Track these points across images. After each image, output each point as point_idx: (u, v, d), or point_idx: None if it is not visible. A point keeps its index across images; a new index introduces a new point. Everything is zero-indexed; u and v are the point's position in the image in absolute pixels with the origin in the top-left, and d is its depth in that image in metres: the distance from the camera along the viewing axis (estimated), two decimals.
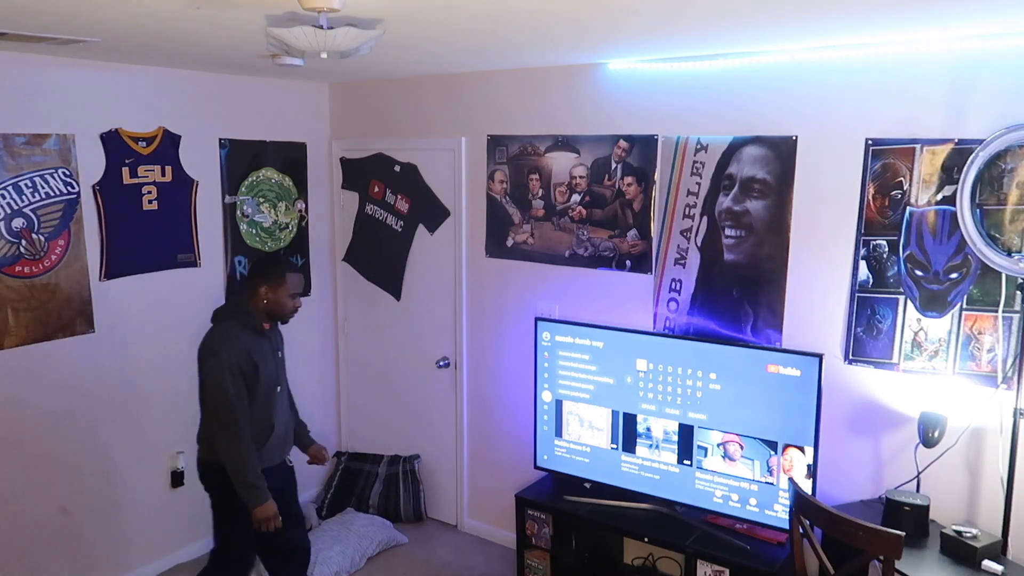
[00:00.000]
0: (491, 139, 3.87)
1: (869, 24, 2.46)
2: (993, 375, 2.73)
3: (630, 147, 3.44)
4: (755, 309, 3.21)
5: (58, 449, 3.44)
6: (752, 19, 2.37)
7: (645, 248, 3.46)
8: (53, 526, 3.45)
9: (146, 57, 3.29)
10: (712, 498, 3.22)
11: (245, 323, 2.96)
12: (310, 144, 4.38)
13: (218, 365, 2.84)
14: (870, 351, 2.96)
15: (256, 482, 2.88)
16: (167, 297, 3.77)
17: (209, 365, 2.87)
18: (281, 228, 4.26)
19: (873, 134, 2.87)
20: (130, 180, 3.57)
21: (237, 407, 2.86)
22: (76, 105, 3.35)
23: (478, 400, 4.14)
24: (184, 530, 3.97)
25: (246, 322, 2.96)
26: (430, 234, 4.18)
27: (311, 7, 1.91)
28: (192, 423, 3.93)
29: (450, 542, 4.20)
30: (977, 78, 2.65)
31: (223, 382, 2.83)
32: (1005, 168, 2.61)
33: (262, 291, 2.97)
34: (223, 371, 2.83)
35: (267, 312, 3.00)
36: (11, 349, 3.23)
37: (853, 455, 3.05)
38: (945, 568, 2.54)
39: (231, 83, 3.94)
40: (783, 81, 3.03)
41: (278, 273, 3.00)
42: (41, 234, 3.28)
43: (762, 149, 3.11)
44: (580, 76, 3.53)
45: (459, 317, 4.11)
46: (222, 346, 2.87)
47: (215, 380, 2.85)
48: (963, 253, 2.73)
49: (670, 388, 3.28)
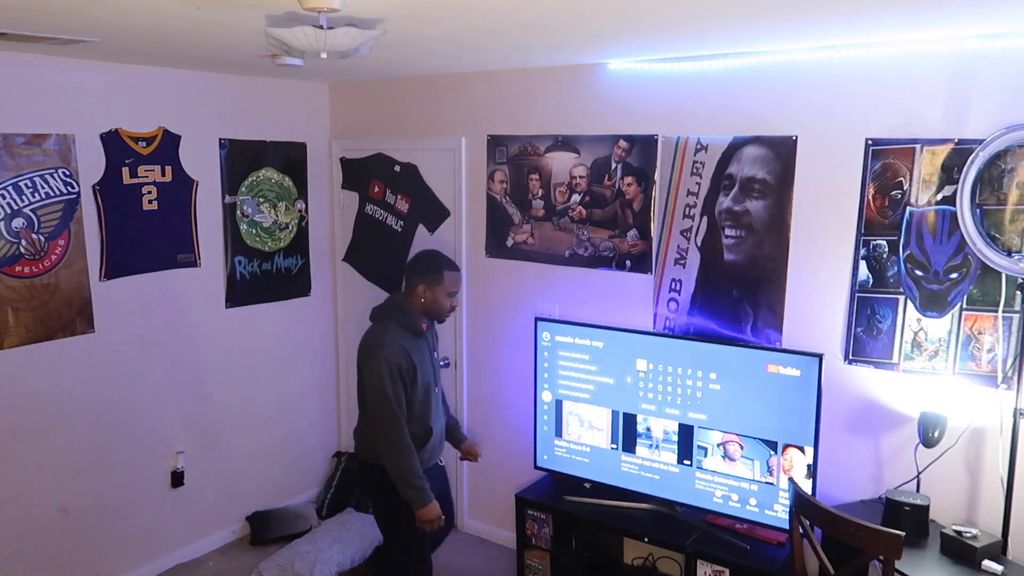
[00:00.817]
0: (491, 139, 3.87)
1: (869, 24, 2.46)
2: (993, 375, 2.73)
3: (630, 147, 3.44)
4: (755, 309, 3.21)
5: (58, 449, 3.44)
6: (756, 19, 2.37)
7: (645, 248, 3.46)
8: (53, 526, 3.45)
9: (146, 57, 3.29)
10: (712, 498, 3.22)
11: (403, 323, 2.90)
12: (310, 144, 4.38)
13: (378, 366, 2.78)
14: (870, 351, 2.96)
15: (420, 483, 2.83)
16: (167, 297, 3.77)
17: (368, 366, 2.83)
18: (281, 228, 4.26)
19: (873, 134, 2.87)
20: (130, 180, 3.57)
21: (397, 409, 2.81)
22: (76, 105, 3.35)
23: (478, 400, 4.14)
24: (184, 530, 3.97)
25: (404, 322, 2.90)
26: (430, 234, 4.18)
27: (311, 7, 1.91)
28: (192, 423, 3.97)
29: (450, 542, 4.19)
30: (977, 78, 2.65)
31: (383, 384, 2.78)
32: (1005, 168, 2.61)
33: (420, 289, 2.92)
34: (383, 372, 2.78)
35: (424, 311, 2.95)
36: (11, 349, 3.23)
37: (853, 455, 3.05)
38: (945, 568, 2.54)
39: (231, 83, 3.94)
40: (783, 81, 3.03)
41: (436, 271, 2.93)
42: (41, 234, 3.28)
43: (762, 149, 3.11)
44: (580, 76, 3.53)
45: (459, 317, 4.11)
46: (381, 346, 2.81)
47: (375, 382, 2.80)
48: (963, 253, 2.73)
49: (670, 388, 3.28)
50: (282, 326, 4.34)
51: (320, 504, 4.43)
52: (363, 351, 2.89)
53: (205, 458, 4.03)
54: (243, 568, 3.88)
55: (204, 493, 4.04)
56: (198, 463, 3.99)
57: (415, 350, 2.89)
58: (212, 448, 4.06)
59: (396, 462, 2.83)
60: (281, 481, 4.42)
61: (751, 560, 3.01)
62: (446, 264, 3.01)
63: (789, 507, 2.77)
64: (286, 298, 4.34)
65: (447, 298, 2.96)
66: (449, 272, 2.96)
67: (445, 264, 3.00)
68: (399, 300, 2.98)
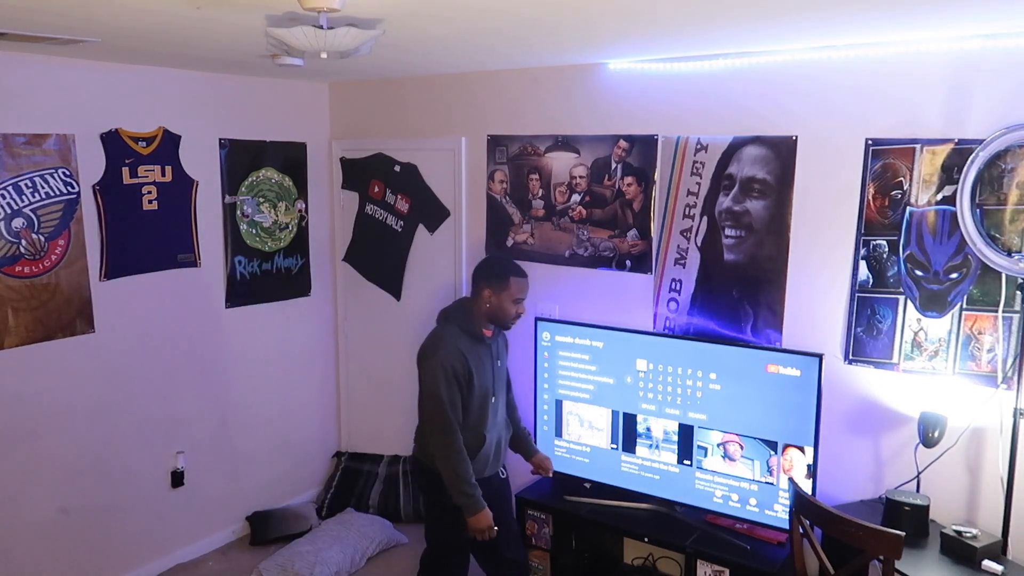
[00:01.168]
0: (491, 139, 3.87)
1: (869, 24, 2.46)
2: (993, 375, 2.73)
3: (630, 147, 3.44)
4: (755, 309, 3.21)
5: (58, 449, 3.44)
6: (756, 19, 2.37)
7: (645, 248, 3.46)
8: (53, 526, 3.45)
9: (146, 57, 3.29)
10: (712, 498, 3.22)
11: (465, 327, 2.88)
12: (310, 144, 4.37)
13: (433, 369, 2.77)
14: (870, 351, 2.96)
15: (471, 491, 2.79)
16: (167, 297, 3.77)
17: (424, 368, 2.82)
18: (281, 228, 4.26)
19: (873, 134, 2.87)
20: (130, 180, 3.57)
21: (451, 413, 2.78)
22: (76, 105, 3.35)
23: None
24: (184, 530, 3.97)
25: (466, 326, 2.88)
26: (430, 234, 4.18)
27: (311, 7, 1.91)
28: (192, 423, 3.97)
29: None
30: (977, 78, 2.65)
31: (437, 387, 2.77)
32: (1005, 168, 2.61)
33: (485, 294, 2.89)
34: (438, 376, 2.76)
35: (488, 316, 2.91)
36: (11, 349, 3.23)
37: (853, 455, 3.05)
38: (945, 568, 2.54)
39: (231, 83, 3.94)
40: (783, 81, 3.03)
41: (503, 275, 2.90)
42: (41, 234, 3.28)
43: (762, 149, 3.11)
44: (580, 76, 3.53)
45: None
46: (438, 348, 2.79)
47: (430, 385, 2.78)
48: (963, 253, 2.73)
49: (670, 388, 3.28)
50: (282, 326, 4.34)
51: (320, 504, 4.43)
52: (421, 352, 2.87)
53: (205, 458, 4.03)
54: (243, 568, 3.88)
55: (204, 493, 4.04)
56: (198, 463, 3.99)
57: (474, 355, 2.86)
58: (212, 448, 4.06)
59: (448, 467, 2.80)
60: (281, 481, 4.42)
61: (751, 560, 3.01)
62: (513, 269, 2.97)
63: (789, 507, 2.76)
64: (286, 298, 4.34)
65: (513, 304, 2.91)
66: (516, 278, 2.91)
67: (512, 269, 2.96)
68: (465, 303, 2.97)
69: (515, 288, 2.90)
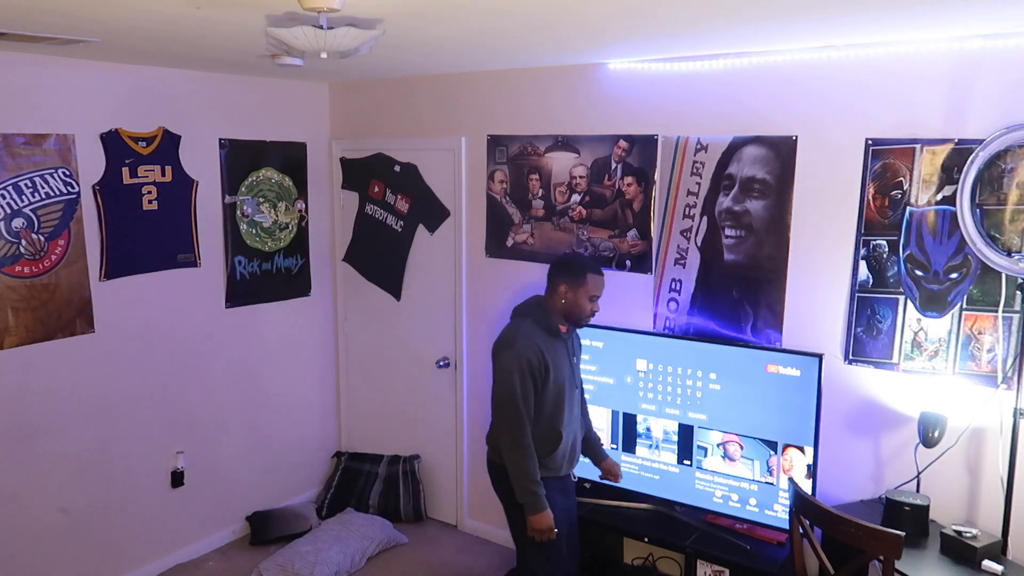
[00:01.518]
0: (491, 139, 3.87)
1: (869, 24, 2.46)
2: (993, 375, 2.73)
3: (630, 147, 3.44)
4: (755, 309, 3.21)
5: (58, 449, 3.44)
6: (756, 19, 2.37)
7: (645, 248, 3.46)
8: (53, 526, 3.45)
9: (146, 57, 3.29)
10: (712, 498, 3.22)
11: (541, 322, 2.86)
12: (310, 144, 4.37)
13: (508, 362, 2.75)
14: (870, 351, 2.96)
15: (535, 487, 2.76)
16: (167, 297, 3.77)
17: (499, 360, 2.79)
18: (281, 228, 4.26)
19: (873, 134, 2.87)
20: (130, 180, 3.57)
21: (522, 407, 2.75)
22: (76, 105, 3.35)
23: (478, 400, 4.13)
24: (184, 530, 3.97)
25: (542, 321, 2.86)
26: (430, 234, 4.18)
27: (311, 7, 1.91)
28: (192, 423, 3.96)
29: (450, 542, 4.20)
30: (977, 78, 2.65)
31: (511, 379, 2.74)
32: (1005, 168, 2.61)
33: (561, 289, 2.86)
34: (512, 368, 2.74)
35: (564, 312, 2.89)
36: (11, 349, 3.23)
37: (853, 455, 3.04)
38: (945, 568, 2.54)
39: (231, 83, 3.94)
40: (783, 81, 3.03)
41: (580, 272, 2.86)
42: (41, 234, 3.28)
43: (762, 149, 3.11)
44: (580, 76, 3.53)
45: (459, 317, 4.11)
46: (514, 342, 2.78)
47: (503, 376, 2.76)
48: (963, 253, 2.73)
49: (670, 388, 3.28)
50: (282, 326, 4.34)
51: (320, 504, 4.43)
52: (497, 345, 2.85)
53: (205, 458, 4.03)
54: (243, 568, 3.88)
55: (204, 493, 4.04)
56: (198, 463, 3.99)
57: (550, 349, 2.83)
58: (212, 448, 4.06)
59: (513, 461, 2.77)
60: (281, 481, 4.42)
61: (751, 560, 3.01)
62: (591, 267, 2.93)
63: (789, 507, 2.76)
64: (286, 298, 4.34)
65: (588, 301, 2.87)
66: (593, 275, 2.88)
67: (590, 266, 2.92)
68: (540, 299, 2.95)
69: (592, 285, 2.87)
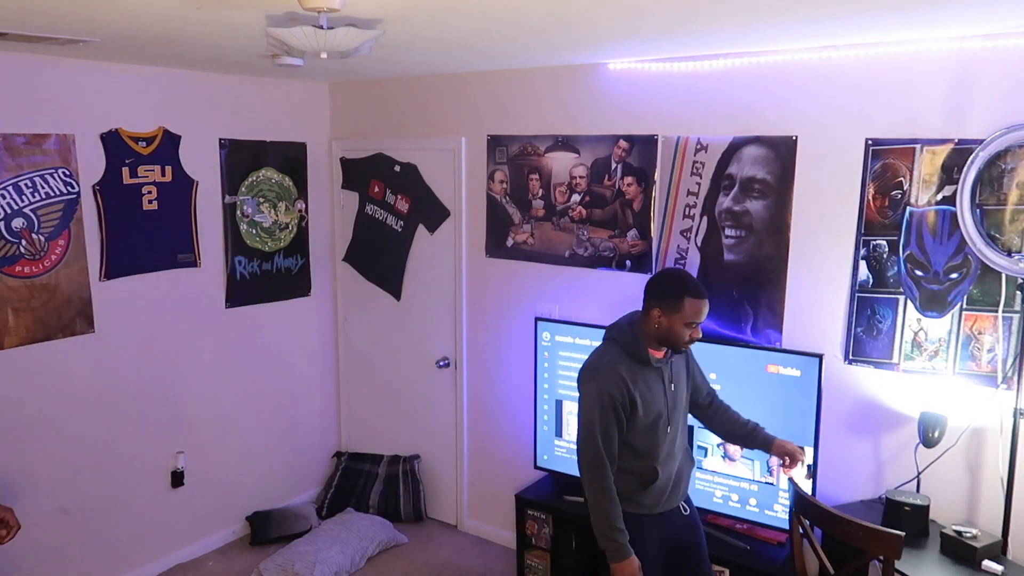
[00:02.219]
0: (491, 139, 3.87)
1: (869, 24, 2.46)
2: (993, 375, 2.73)
3: (630, 147, 3.44)
4: (755, 309, 3.21)
5: (58, 449, 3.44)
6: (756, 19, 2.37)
7: (645, 248, 3.46)
8: (53, 525, 3.45)
9: (146, 57, 3.29)
10: (712, 498, 3.22)
11: (628, 347, 2.54)
12: (310, 144, 4.37)
13: (590, 395, 2.50)
14: (870, 351, 2.96)
15: (616, 535, 2.47)
16: (167, 297, 3.77)
17: (582, 392, 2.55)
18: (281, 228, 4.26)
19: (873, 134, 2.87)
20: (130, 180, 3.57)
21: (603, 445, 2.47)
22: (76, 105, 3.35)
23: (478, 400, 4.14)
24: (184, 530, 3.97)
25: (629, 347, 2.54)
26: (430, 234, 4.18)
27: (311, 7, 1.91)
28: (192, 423, 3.96)
29: (450, 542, 4.20)
30: (977, 78, 2.65)
31: (591, 413, 2.48)
32: (1005, 168, 2.61)
33: (654, 313, 2.50)
34: (593, 401, 2.48)
35: (657, 338, 2.53)
36: (11, 349, 3.23)
37: (853, 455, 3.05)
38: (945, 568, 2.54)
39: (231, 83, 3.94)
40: (783, 81, 3.03)
41: (676, 295, 2.47)
42: (41, 234, 3.27)
43: (762, 149, 3.11)
44: (580, 76, 3.53)
45: (459, 317, 4.11)
46: (597, 374, 2.51)
47: (585, 411, 2.51)
48: (963, 253, 2.73)
49: None
50: (282, 326, 4.34)
51: (320, 504, 4.43)
52: (581, 374, 2.58)
53: (205, 458, 4.03)
54: (243, 568, 3.88)
55: (204, 493, 4.04)
56: (198, 463, 3.99)
57: (638, 380, 2.52)
58: (212, 448, 4.06)
59: (592, 504, 2.51)
60: (281, 481, 4.42)
61: (751, 560, 3.01)
62: (690, 289, 2.50)
63: (789, 507, 2.76)
64: (286, 298, 4.34)
65: (684, 328, 2.49)
66: (692, 299, 2.47)
67: (688, 288, 2.50)
68: (634, 319, 2.61)
69: (689, 311, 2.47)
